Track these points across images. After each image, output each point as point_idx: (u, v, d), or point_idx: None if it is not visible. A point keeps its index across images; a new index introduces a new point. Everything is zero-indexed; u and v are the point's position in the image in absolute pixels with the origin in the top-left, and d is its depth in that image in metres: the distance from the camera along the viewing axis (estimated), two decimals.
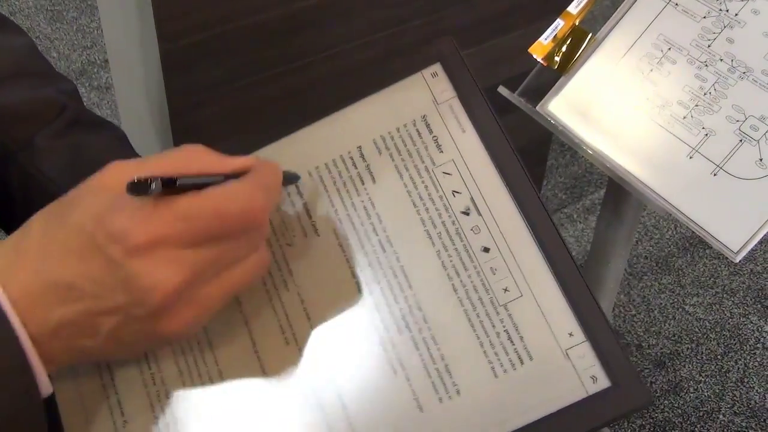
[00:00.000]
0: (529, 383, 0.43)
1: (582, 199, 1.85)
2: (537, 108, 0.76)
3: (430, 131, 0.49)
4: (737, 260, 0.65)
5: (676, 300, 1.69)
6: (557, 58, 0.77)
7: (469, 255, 0.46)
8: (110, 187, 0.39)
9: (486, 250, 0.46)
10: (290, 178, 0.48)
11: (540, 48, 0.78)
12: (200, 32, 0.82)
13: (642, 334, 1.64)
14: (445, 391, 0.44)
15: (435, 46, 0.51)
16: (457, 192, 0.48)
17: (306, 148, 0.50)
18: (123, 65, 0.83)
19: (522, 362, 0.44)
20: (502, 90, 0.77)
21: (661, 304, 1.68)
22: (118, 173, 0.40)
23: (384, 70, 0.50)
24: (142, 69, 0.83)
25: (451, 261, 0.46)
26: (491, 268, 0.46)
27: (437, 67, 0.51)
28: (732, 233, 0.65)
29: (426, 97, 0.50)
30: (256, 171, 0.42)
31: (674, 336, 1.64)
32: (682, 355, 1.60)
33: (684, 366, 1.58)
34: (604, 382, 0.43)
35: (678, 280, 1.72)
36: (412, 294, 0.46)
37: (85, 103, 0.62)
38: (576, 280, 0.45)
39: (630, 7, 0.74)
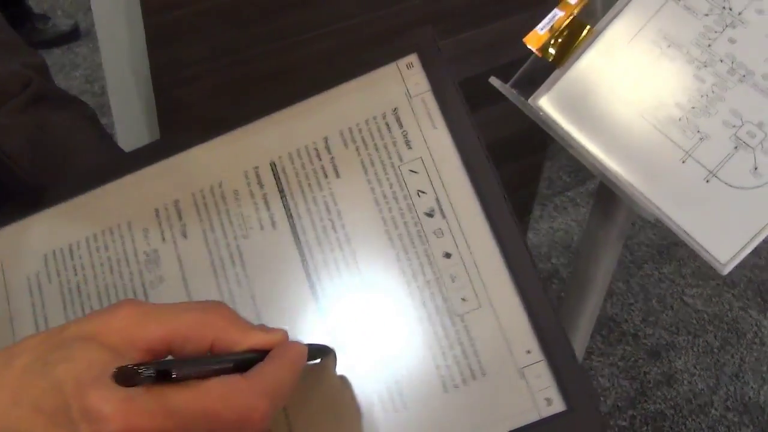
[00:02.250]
0: (479, 400, 0.41)
1: (586, 183, 1.82)
2: (528, 101, 0.73)
3: (400, 125, 0.47)
4: (725, 272, 0.62)
5: (675, 290, 1.67)
6: (552, 50, 0.74)
7: (429, 260, 0.44)
8: (110, 341, 0.35)
9: (447, 255, 0.44)
10: (318, 353, 0.44)
11: (535, 38, 0.75)
12: (186, 6, 0.79)
13: (639, 323, 1.62)
14: (392, 403, 0.42)
15: (413, 35, 0.49)
16: (423, 192, 0.46)
17: (270, 136, 0.48)
18: (109, 39, 0.80)
19: (474, 377, 0.42)
20: (494, 81, 0.74)
21: (659, 293, 1.66)
22: (127, 319, 0.35)
23: (378, 52, 0.47)
24: (127, 42, 0.80)
25: (410, 265, 0.44)
26: (451, 275, 0.44)
27: (413, 58, 0.49)
28: (721, 244, 0.63)
29: (399, 90, 0.48)
30: (274, 359, 0.37)
31: (671, 327, 1.62)
32: (678, 346, 1.59)
33: (679, 358, 1.57)
34: (558, 406, 0.41)
35: (678, 270, 1.70)
36: (366, 298, 0.44)
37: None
38: (539, 295, 0.43)
39: (630, 1, 0.71)
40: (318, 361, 0.43)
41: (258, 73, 0.86)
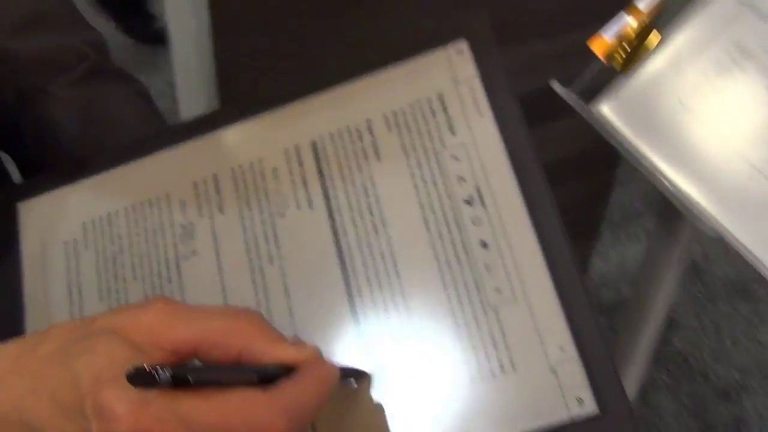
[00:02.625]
0: (508, 394, 0.40)
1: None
2: (590, 107, 0.71)
3: (445, 111, 0.46)
4: None
5: (749, 329, 1.60)
6: (618, 57, 0.71)
7: (464, 248, 0.43)
8: (136, 337, 0.34)
9: (484, 245, 0.43)
10: (353, 374, 0.42)
11: (601, 44, 0.72)
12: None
13: (709, 360, 1.55)
14: (418, 388, 0.41)
15: (465, 20, 0.48)
16: (463, 179, 0.45)
17: (313, 116, 0.48)
18: (179, 29, 0.82)
19: (503, 370, 0.40)
20: (555, 84, 0.72)
21: (733, 331, 1.59)
22: (157, 317, 0.35)
23: (428, 35, 0.47)
24: (194, 31, 0.81)
25: (444, 252, 0.43)
26: (486, 264, 0.43)
27: (463, 45, 0.48)
28: None
29: (446, 75, 0.47)
30: (300, 377, 0.36)
31: (743, 367, 1.54)
32: (749, 388, 1.51)
33: (750, 400, 1.49)
34: (590, 406, 0.39)
35: (755, 308, 1.62)
36: (399, 282, 0.43)
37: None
38: (577, 292, 0.41)
39: (703, 7, 0.68)
40: (352, 383, 0.42)
41: (308, 52, 0.86)
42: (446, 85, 0.47)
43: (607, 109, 0.69)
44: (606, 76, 0.73)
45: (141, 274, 0.47)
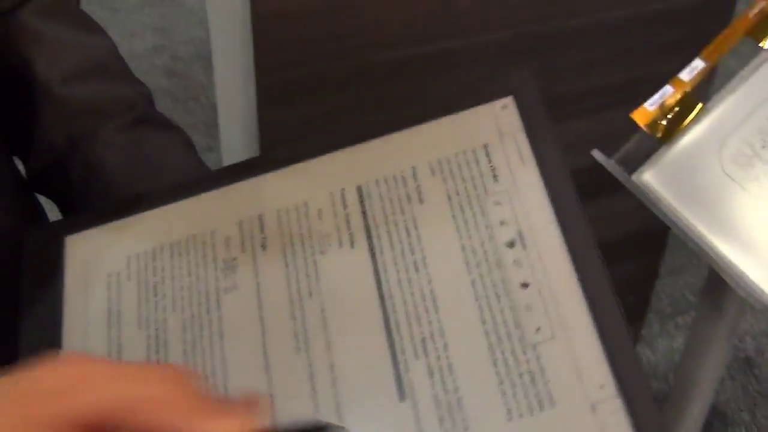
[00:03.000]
0: (545, 431, 0.39)
1: None
2: (632, 177, 0.71)
3: (489, 160, 0.48)
4: None
5: None
6: (661, 126, 0.71)
7: (505, 288, 0.44)
8: (32, 410, 0.29)
9: (524, 285, 0.44)
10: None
11: (644, 114, 0.73)
12: (298, 68, 0.82)
13: None
14: (453, 425, 0.41)
15: (510, 78, 0.49)
16: (505, 223, 0.45)
17: (359, 162, 0.50)
18: (225, 95, 0.85)
19: (542, 408, 0.40)
20: (596, 154, 0.72)
21: None
22: (58, 383, 0.30)
23: (474, 91, 0.49)
24: (242, 101, 0.84)
25: (485, 291, 0.44)
26: (526, 304, 0.43)
27: (509, 101, 0.49)
28: None
29: (491, 128, 0.49)
30: None
31: None
32: None
33: None
34: None
35: None
36: (437, 319, 0.44)
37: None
38: (619, 332, 0.41)
39: (747, 79, 0.68)
40: None
41: (353, 102, 0.88)
42: (491, 137, 0.48)
43: (649, 177, 0.69)
44: (649, 148, 0.73)
45: (181, 305, 0.48)
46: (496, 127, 0.48)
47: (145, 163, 0.58)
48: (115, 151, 0.57)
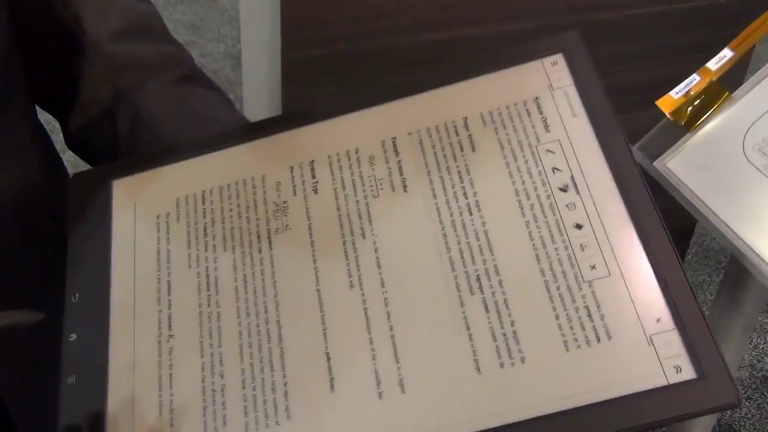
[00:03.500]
0: (603, 362, 0.41)
1: None
2: (655, 164, 0.70)
3: (540, 112, 0.49)
4: None
5: None
6: (685, 114, 0.71)
7: (559, 229, 0.45)
8: None
9: (579, 227, 0.45)
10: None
11: (669, 102, 0.72)
12: (324, 46, 0.83)
13: None
14: (509, 356, 0.42)
15: (560, 37, 0.51)
16: (558, 169, 0.47)
17: (411, 112, 0.51)
18: (251, 71, 0.85)
19: (599, 340, 0.41)
20: None
21: None
22: None
23: (525, 48, 0.50)
24: (266, 77, 0.85)
25: (539, 232, 0.45)
26: (581, 244, 0.44)
27: (559, 57, 0.50)
28: None
29: (542, 82, 0.50)
30: None
31: None
32: None
33: None
34: (689, 374, 0.39)
35: None
36: (492, 258, 0.45)
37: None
38: (673, 267, 0.42)
39: None
40: None
41: (378, 83, 0.88)
42: (542, 90, 0.49)
43: (672, 164, 0.69)
44: (672, 135, 0.72)
45: (231, 245, 0.48)
46: (547, 82, 0.50)
47: (192, 114, 0.58)
48: (163, 101, 0.58)
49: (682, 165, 0.69)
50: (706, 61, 0.72)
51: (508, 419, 0.40)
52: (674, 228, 0.44)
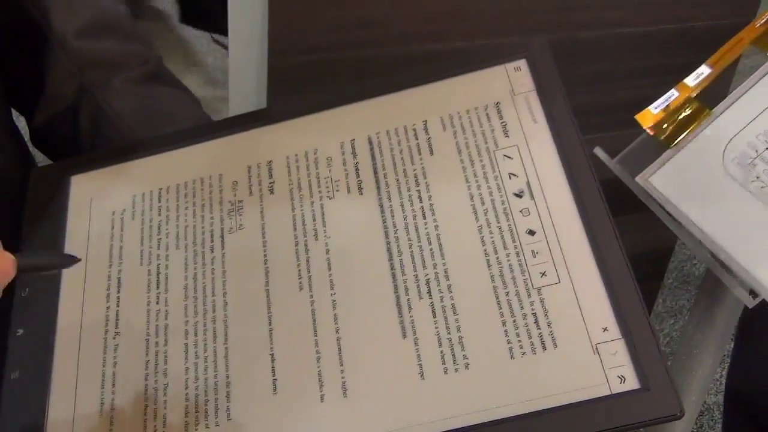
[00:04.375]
0: (547, 370, 0.40)
1: None
2: (637, 179, 0.71)
3: (500, 117, 0.49)
4: None
5: None
6: (665, 130, 0.72)
7: (512, 235, 0.45)
8: None
9: (531, 233, 0.45)
10: (50, 266, 0.47)
11: (648, 117, 0.73)
12: (312, 54, 0.83)
13: None
14: (454, 362, 0.42)
15: (525, 43, 0.51)
16: (514, 175, 0.47)
17: (372, 114, 0.51)
18: (238, 77, 0.86)
19: (544, 348, 0.41)
20: (599, 152, 0.73)
21: None
22: None
23: (487, 54, 0.51)
24: (254, 82, 0.85)
25: (491, 237, 0.45)
26: (533, 250, 0.44)
27: (522, 63, 0.51)
28: None
29: (503, 87, 0.50)
30: None
31: None
32: None
33: None
34: (632, 384, 0.39)
35: None
36: (443, 263, 0.45)
37: None
38: (623, 277, 0.42)
39: (752, 86, 0.69)
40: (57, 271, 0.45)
41: (395, 67, 0.88)
42: (503, 96, 0.50)
43: (652, 179, 0.69)
44: (652, 150, 0.73)
45: (184, 243, 0.49)
46: (508, 87, 0.50)
47: (155, 111, 0.59)
48: (126, 98, 0.58)
49: (664, 180, 0.69)
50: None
51: (448, 426, 0.40)
52: (653, 248, 0.45)
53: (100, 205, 0.52)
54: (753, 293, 0.62)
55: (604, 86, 1.00)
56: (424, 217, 0.46)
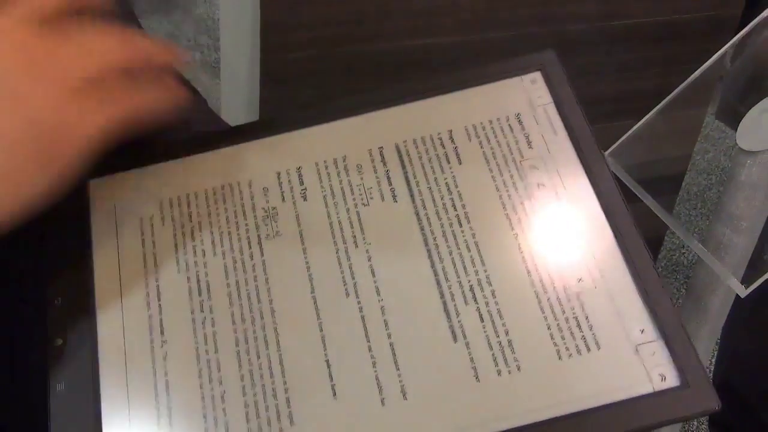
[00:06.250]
0: (593, 370, 0.43)
1: None
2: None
3: (522, 128, 0.51)
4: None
5: None
6: None
7: (545, 245, 0.47)
8: None
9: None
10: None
11: None
12: (304, 50, 0.84)
13: None
14: (506, 364, 0.43)
15: (536, 56, 0.53)
16: (542, 185, 0.49)
17: (397, 123, 0.52)
18: (230, 75, 0.86)
19: (589, 349, 0.43)
20: None
21: None
22: None
23: (503, 66, 0.53)
24: (246, 78, 0.85)
25: (528, 244, 0.47)
26: (567, 259, 0.46)
27: (537, 76, 0.53)
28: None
29: (522, 99, 0.52)
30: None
31: None
32: None
33: None
34: (673, 381, 0.42)
35: None
36: (484, 269, 0.46)
37: None
38: (653, 279, 0.45)
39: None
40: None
41: (387, 62, 0.88)
42: (523, 107, 0.51)
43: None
44: (645, 143, 0.74)
45: (221, 250, 0.48)
46: (527, 99, 0.52)
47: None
48: None
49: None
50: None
51: (503, 426, 0.42)
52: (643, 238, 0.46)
53: (125, 210, 0.51)
54: (744, 282, 0.63)
55: (593, 78, 1.01)
56: (461, 225, 0.47)
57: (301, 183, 0.50)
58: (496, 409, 0.42)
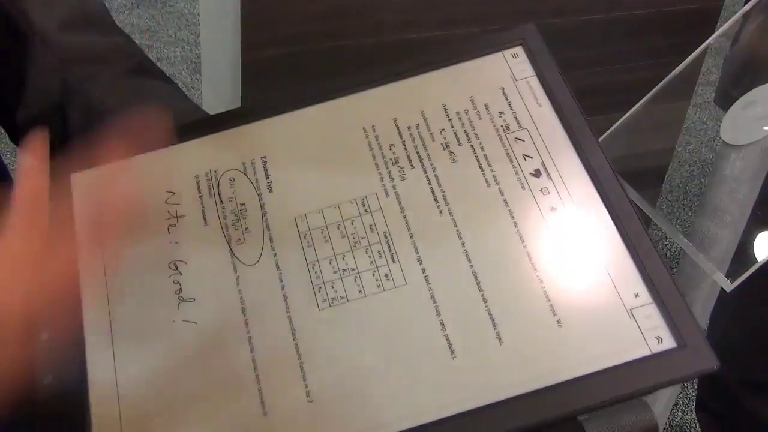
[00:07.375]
0: (590, 336, 0.43)
1: None
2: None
3: (507, 101, 0.51)
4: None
5: None
6: None
7: (535, 212, 0.47)
8: None
9: (553, 209, 0.47)
10: None
11: None
12: (286, 46, 0.83)
13: None
14: (500, 336, 0.44)
15: (518, 31, 0.53)
16: (529, 156, 0.49)
17: (381, 102, 0.52)
18: (211, 69, 0.85)
19: (584, 315, 0.44)
20: None
21: None
22: None
23: (484, 41, 0.52)
24: (228, 75, 0.84)
25: (517, 213, 0.47)
26: (557, 226, 0.46)
27: (518, 50, 0.53)
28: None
29: (505, 73, 0.52)
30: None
31: None
32: None
33: None
34: (669, 343, 0.42)
35: None
36: (470, 242, 0.46)
37: None
38: (644, 241, 0.45)
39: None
40: None
41: (370, 57, 0.88)
42: (506, 81, 0.52)
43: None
44: (633, 135, 0.74)
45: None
46: (509, 73, 0.52)
47: (148, 105, 0.58)
48: (117, 93, 0.57)
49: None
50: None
51: (504, 395, 0.42)
52: None
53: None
54: (730, 277, 0.63)
55: (577, 71, 1.01)
56: (447, 203, 0.48)
57: (266, 175, 0.50)
58: (496, 381, 0.42)
